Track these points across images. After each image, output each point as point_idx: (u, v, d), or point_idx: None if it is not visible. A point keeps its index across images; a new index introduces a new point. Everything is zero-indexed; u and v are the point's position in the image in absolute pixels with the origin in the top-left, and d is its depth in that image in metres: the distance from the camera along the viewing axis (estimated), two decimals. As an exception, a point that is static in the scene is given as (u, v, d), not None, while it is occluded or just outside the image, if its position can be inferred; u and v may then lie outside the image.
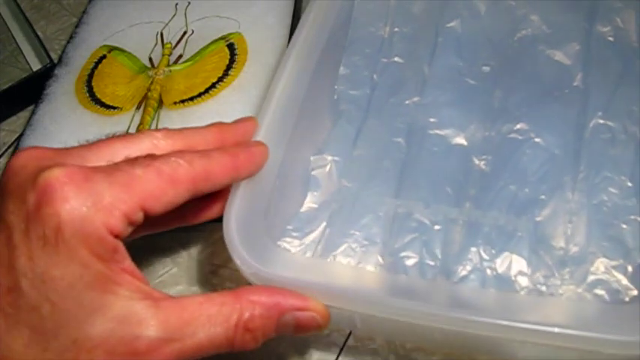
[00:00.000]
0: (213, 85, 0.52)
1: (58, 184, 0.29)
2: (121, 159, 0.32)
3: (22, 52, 0.59)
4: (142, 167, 0.31)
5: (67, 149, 0.33)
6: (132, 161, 0.31)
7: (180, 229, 0.45)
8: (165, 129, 0.35)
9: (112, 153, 0.33)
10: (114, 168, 0.31)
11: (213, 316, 0.30)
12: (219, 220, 0.37)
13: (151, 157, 0.32)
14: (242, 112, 0.49)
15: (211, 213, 0.39)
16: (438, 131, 0.42)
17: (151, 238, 0.45)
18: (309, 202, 0.41)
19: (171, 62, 0.55)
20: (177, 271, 0.44)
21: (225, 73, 0.52)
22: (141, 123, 0.50)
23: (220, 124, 0.37)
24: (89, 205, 0.29)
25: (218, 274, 0.43)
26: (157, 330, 0.29)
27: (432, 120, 0.42)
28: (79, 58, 0.57)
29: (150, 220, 0.31)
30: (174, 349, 0.29)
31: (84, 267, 0.28)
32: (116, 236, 0.29)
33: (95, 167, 0.30)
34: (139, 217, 0.30)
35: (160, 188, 0.31)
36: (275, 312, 0.31)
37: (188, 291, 0.43)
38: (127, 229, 0.30)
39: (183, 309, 0.30)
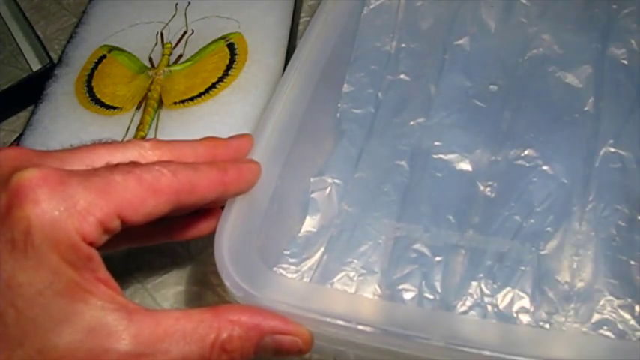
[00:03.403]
0: (213, 85, 0.51)
1: (31, 187, 0.27)
2: (102, 165, 0.31)
3: (22, 52, 0.59)
4: (121, 174, 0.29)
5: (47, 152, 0.31)
6: (112, 167, 0.30)
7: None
8: (155, 139, 0.33)
9: (93, 158, 0.31)
10: (92, 173, 0.29)
11: (188, 334, 0.28)
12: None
13: (133, 164, 0.30)
14: (242, 112, 0.49)
15: (199, 231, 0.37)
16: (442, 156, 0.41)
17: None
18: (308, 226, 0.40)
19: (171, 62, 0.54)
20: (177, 271, 0.44)
21: (225, 73, 0.52)
22: (141, 123, 0.50)
23: (213, 138, 0.36)
24: (62, 209, 0.27)
25: (218, 274, 0.43)
26: (128, 344, 0.27)
27: (436, 143, 0.42)
28: (79, 58, 0.56)
29: (129, 231, 0.30)
30: None
31: (54, 274, 0.27)
32: (90, 243, 0.28)
33: (72, 171, 0.29)
34: (116, 225, 0.29)
35: (139, 197, 0.29)
36: (255, 333, 0.30)
37: (188, 291, 0.42)
38: (102, 237, 0.29)
39: (157, 323, 0.28)
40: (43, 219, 0.27)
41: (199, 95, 0.51)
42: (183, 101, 0.51)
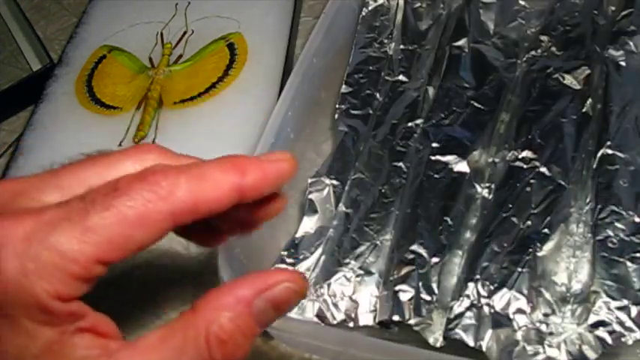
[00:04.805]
0: (213, 85, 0.51)
1: None
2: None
3: (22, 52, 0.59)
4: (98, 210, 0.25)
5: (42, 177, 0.28)
6: (87, 201, 0.26)
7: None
8: (159, 147, 0.29)
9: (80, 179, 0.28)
10: (63, 214, 0.25)
11: (179, 348, 0.26)
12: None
13: (114, 190, 0.26)
14: (242, 112, 0.49)
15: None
16: (440, 157, 0.41)
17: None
18: (305, 227, 0.40)
19: (171, 62, 0.54)
20: (177, 271, 0.44)
21: (225, 73, 0.52)
22: (141, 123, 0.50)
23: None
24: (28, 271, 0.24)
25: (218, 274, 0.43)
26: None
27: (434, 145, 0.42)
28: (79, 58, 0.56)
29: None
30: None
31: (29, 338, 0.25)
32: (69, 300, 0.25)
33: (41, 215, 0.25)
34: (98, 270, 0.26)
35: (122, 235, 0.25)
36: (243, 307, 0.26)
37: (188, 291, 0.43)
38: (83, 287, 0.26)
39: (142, 354, 0.26)
40: (7, 286, 0.24)
41: (199, 95, 0.51)
42: (183, 101, 0.51)
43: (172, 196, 0.26)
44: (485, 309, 0.35)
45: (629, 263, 0.35)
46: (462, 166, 0.41)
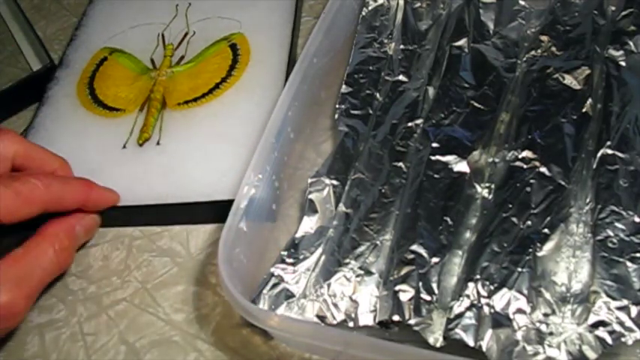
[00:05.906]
0: (216, 86, 0.51)
1: None
2: None
3: (22, 52, 0.59)
4: (3, 186, 0.38)
5: None
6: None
7: (181, 228, 0.45)
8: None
9: None
10: None
11: (35, 257, 0.39)
12: (221, 219, 0.37)
13: (12, 177, 0.39)
14: (245, 113, 0.49)
15: None
16: (439, 157, 0.41)
17: (151, 237, 0.45)
18: (306, 227, 0.40)
19: (173, 63, 0.54)
20: (177, 271, 0.44)
21: (228, 74, 0.52)
22: (144, 124, 0.50)
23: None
24: None
25: (217, 274, 0.43)
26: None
27: (434, 145, 0.42)
28: (80, 60, 0.56)
29: None
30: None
31: None
32: None
33: None
34: None
35: (14, 206, 0.38)
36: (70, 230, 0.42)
37: (188, 291, 0.43)
38: None
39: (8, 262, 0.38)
40: None
41: (203, 96, 0.51)
42: (186, 102, 0.51)
43: (48, 189, 0.40)
44: (485, 309, 0.35)
45: (629, 263, 0.35)
46: (462, 166, 0.41)
